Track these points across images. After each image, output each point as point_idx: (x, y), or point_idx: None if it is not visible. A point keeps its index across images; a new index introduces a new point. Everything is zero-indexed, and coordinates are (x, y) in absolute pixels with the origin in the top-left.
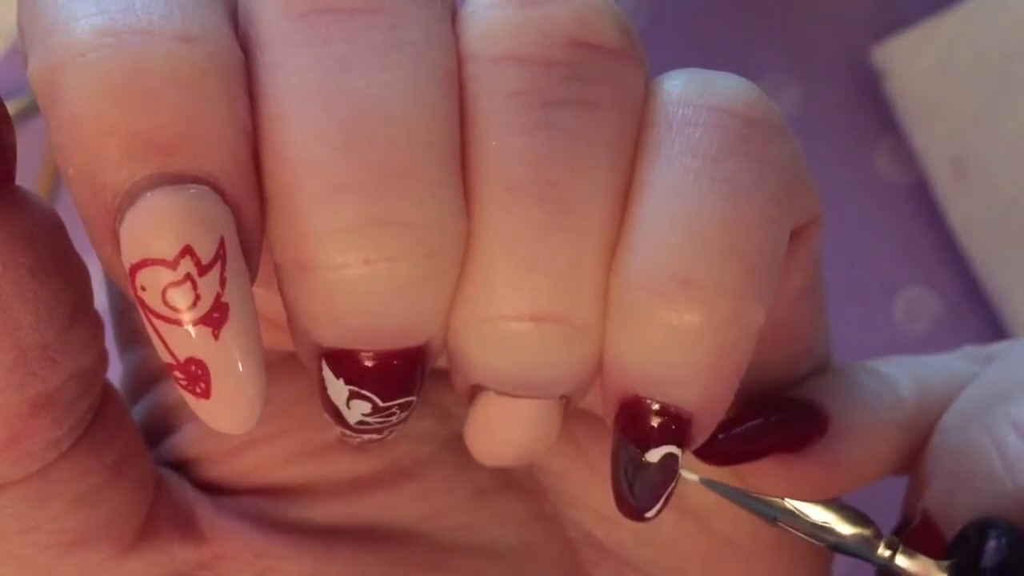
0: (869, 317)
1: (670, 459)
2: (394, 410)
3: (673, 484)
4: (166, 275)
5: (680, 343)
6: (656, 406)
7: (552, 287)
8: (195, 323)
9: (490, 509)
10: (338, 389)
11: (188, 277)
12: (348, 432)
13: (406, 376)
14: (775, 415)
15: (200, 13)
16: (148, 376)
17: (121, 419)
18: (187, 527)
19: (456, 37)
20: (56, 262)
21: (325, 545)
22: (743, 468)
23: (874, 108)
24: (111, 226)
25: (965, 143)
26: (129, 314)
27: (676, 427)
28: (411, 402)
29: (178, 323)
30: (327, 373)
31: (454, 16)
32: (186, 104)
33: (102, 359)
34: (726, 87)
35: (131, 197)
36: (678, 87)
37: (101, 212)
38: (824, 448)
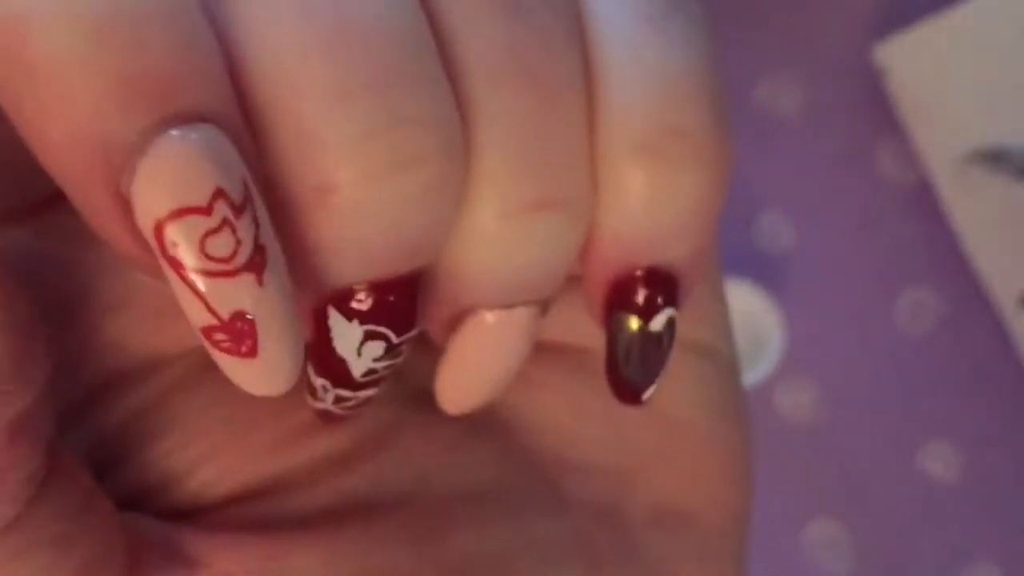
0: (871, 317)
1: (671, 323)
2: (402, 348)
3: (671, 351)
4: (203, 223)
5: (679, 192)
6: (643, 273)
7: (553, 171)
8: (241, 270)
9: (464, 457)
10: (350, 334)
11: (226, 222)
12: (346, 393)
13: (415, 302)
14: None
15: None
16: (74, 408)
17: (70, 452)
18: (174, 561)
19: None
20: (4, 264)
21: (329, 529)
22: None
23: (875, 107)
24: (114, 188)
25: (967, 142)
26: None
27: (672, 287)
28: (413, 336)
29: (224, 275)
30: (336, 320)
31: None
32: (174, 39)
33: (53, 370)
34: None
35: (140, 148)
36: None
37: (101, 175)
38: None
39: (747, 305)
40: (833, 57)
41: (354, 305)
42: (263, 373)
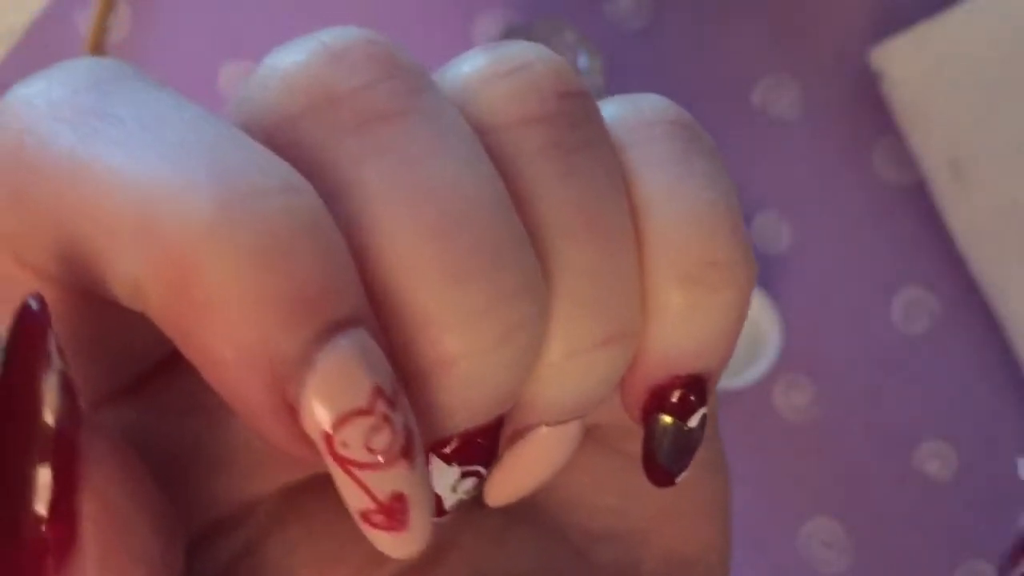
0: (867, 317)
1: (703, 419)
2: (486, 476)
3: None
4: (367, 422)
5: (715, 316)
6: (682, 381)
7: (615, 309)
8: (398, 458)
9: (511, 545)
10: (447, 476)
11: (385, 417)
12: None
13: (499, 438)
14: None
15: (281, 162)
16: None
17: None
18: None
19: None
20: (142, 467)
21: None
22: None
23: (872, 109)
24: (282, 399)
25: (962, 144)
26: None
27: (704, 390)
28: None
29: (384, 466)
30: (435, 463)
31: None
32: (318, 251)
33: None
34: (657, 103)
35: (307, 360)
36: (626, 113)
37: (268, 387)
38: None
39: None
40: (830, 59)
41: (446, 450)
42: (410, 540)
